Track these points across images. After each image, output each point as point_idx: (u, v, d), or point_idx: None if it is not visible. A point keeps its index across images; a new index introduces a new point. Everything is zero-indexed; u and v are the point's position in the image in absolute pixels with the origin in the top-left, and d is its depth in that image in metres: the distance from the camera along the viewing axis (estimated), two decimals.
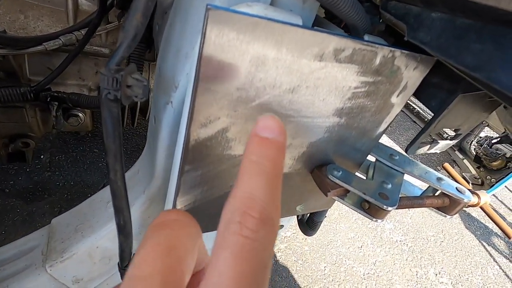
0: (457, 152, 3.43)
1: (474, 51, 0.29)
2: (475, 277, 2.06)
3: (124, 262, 0.52)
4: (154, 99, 0.52)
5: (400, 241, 2.12)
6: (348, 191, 0.50)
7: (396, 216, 2.34)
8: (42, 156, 1.69)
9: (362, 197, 0.48)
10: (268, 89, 0.35)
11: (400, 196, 0.51)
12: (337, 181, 0.49)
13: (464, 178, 3.05)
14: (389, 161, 0.57)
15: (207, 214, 0.48)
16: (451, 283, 1.94)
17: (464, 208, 0.61)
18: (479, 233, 2.48)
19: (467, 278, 2.02)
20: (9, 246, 0.61)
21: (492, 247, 2.37)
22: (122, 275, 0.55)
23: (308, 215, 0.79)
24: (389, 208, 0.47)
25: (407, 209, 2.50)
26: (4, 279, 0.55)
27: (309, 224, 0.78)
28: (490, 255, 2.29)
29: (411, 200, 0.52)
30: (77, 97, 0.93)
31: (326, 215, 0.79)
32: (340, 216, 2.12)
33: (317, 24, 0.42)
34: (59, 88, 0.99)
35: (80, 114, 1.05)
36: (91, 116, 1.14)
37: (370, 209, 0.49)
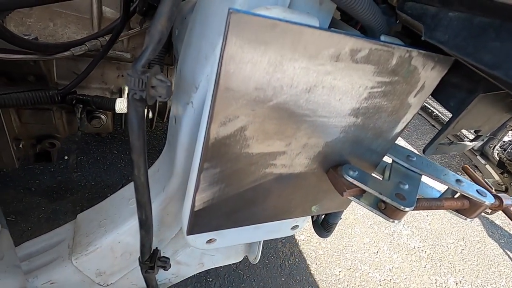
0: (479, 157, 3.30)
1: (493, 49, 0.29)
2: (499, 287, 1.97)
3: (145, 256, 0.54)
4: (175, 100, 0.54)
5: (418, 247, 2.06)
6: (364, 191, 0.50)
7: (413, 222, 2.28)
8: (66, 157, 1.77)
9: (379, 197, 0.48)
10: (285, 89, 0.36)
11: (417, 197, 0.51)
12: (353, 181, 0.49)
13: (486, 184, 2.93)
14: (406, 162, 0.57)
15: (223, 212, 0.49)
16: None
17: (486, 213, 0.60)
18: (503, 241, 2.37)
19: None
20: (37, 240, 0.65)
21: None
22: (142, 270, 0.57)
23: (323, 216, 0.79)
24: (406, 209, 0.47)
25: (426, 215, 2.42)
26: (33, 270, 0.59)
27: (324, 226, 0.78)
28: None
29: (429, 202, 0.52)
30: (100, 99, 0.97)
31: (341, 217, 0.79)
32: (355, 221, 2.09)
33: (333, 26, 0.43)
34: (83, 91, 1.04)
35: (103, 116, 1.10)
36: (112, 118, 1.18)
37: (387, 209, 0.49)
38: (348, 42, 0.34)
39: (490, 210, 0.58)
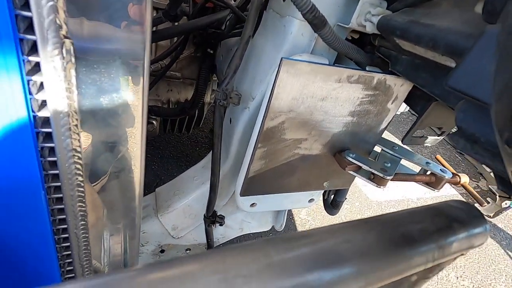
0: (484, 165, 3.45)
1: (423, 76, 0.54)
2: (499, 283, 2.11)
3: (209, 212, 0.79)
4: (231, 107, 0.80)
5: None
6: (360, 167, 0.74)
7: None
8: None
9: (369, 171, 0.72)
10: (309, 98, 0.61)
11: (397, 172, 0.75)
12: (352, 160, 0.73)
13: (491, 190, 3.07)
14: (391, 150, 0.81)
15: (266, 180, 0.74)
16: (473, 287, 2.02)
17: (488, 217, 0.81)
18: (504, 243, 2.51)
19: (490, 283, 2.08)
20: None
21: None
22: (205, 223, 0.82)
23: (332, 197, 1.02)
24: (387, 177, 0.71)
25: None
26: None
27: (332, 204, 1.02)
28: None
29: (404, 175, 0.75)
30: (156, 108, 1.25)
31: (346, 197, 1.02)
32: None
33: (339, 60, 0.69)
34: None
35: (154, 122, 1.38)
36: (160, 124, 1.46)
37: (375, 179, 0.73)
38: (345, 71, 0.60)
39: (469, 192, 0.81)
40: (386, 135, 0.85)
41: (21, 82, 0.33)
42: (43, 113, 0.36)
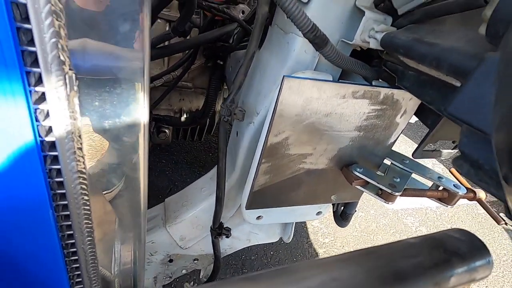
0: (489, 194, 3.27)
1: (429, 93, 0.52)
2: None
3: (215, 224, 0.80)
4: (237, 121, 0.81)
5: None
6: (367, 182, 0.73)
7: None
8: None
9: (377, 186, 0.70)
10: (312, 114, 0.61)
11: (407, 187, 0.72)
12: (359, 175, 0.72)
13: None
14: (401, 164, 0.78)
15: (271, 194, 0.74)
16: None
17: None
18: None
19: None
20: None
21: None
22: (212, 235, 0.83)
23: (342, 208, 1.00)
24: (396, 194, 0.69)
25: (449, 223, 2.49)
26: None
27: (342, 216, 1.00)
28: None
29: (414, 191, 0.73)
30: (169, 118, 1.28)
31: (356, 209, 1.00)
32: (377, 228, 2.23)
33: (344, 76, 0.68)
34: (154, 111, 1.36)
35: (167, 131, 1.41)
36: (172, 133, 1.49)
37: (383, 194, 0.71)
38: (350, 87, 0.59)
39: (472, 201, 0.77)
40: (403, 139, 0.83)
41: (28, 111, 0.35)
42: (49, 138, 0.38)
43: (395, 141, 0.75)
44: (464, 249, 0.32)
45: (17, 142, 0.37)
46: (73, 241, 0.50)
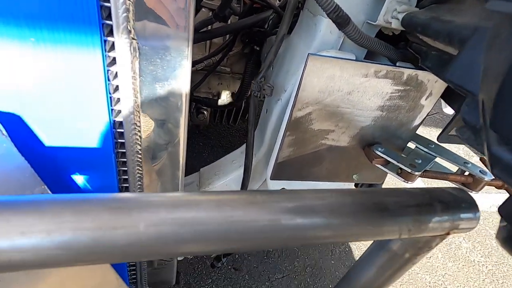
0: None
1: (451, 71, 0.54)
2: None
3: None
4: (268, 99, 0.88)
5: (479, 262, 2.02)
6: (388, 162, 0.76)
7: (477, 237, 2.22)
8: None
9: (397, 165, 0.73)
10: (335, 92, 0.66)
11: (428, 170, 0.74)
12: (380, 154, 0.75)
13: None
14: (426, 148, 0.80)
15: (294, 167, 0.81)
16: None
17: None
18: None
19: None
20: None
21: None
22: None
23: None
24: (415, 173, 0.71)
25: (492, 232, 2.31)
26: None
27: None
28: None
29: (436, 173, 0.74)
30: (207, 100, 1.39)
31: None
32: None
33: (370, 56, 0.71)
34: (194, 93, 1.49)
35: (205, 112, 1.53)
36: (210, 115, 1.61)
37: (402, 173, 0.73)
38: (372, 67, 0.63)
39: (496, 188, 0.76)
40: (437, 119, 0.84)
41: (103, 71, 0.46)
42: (116, 95, 0.49)
43: (420, 124, 0.77)
44: (451, 200, 0.36)
45: (94, 98, 0.48)
46: (127, 185, 0.62)
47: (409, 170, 0.71)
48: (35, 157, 0.49)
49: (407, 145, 0.83)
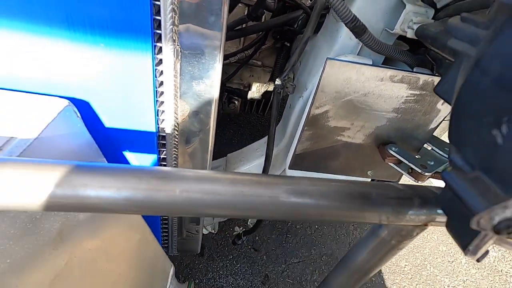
0: None
1: (440, 84, 0.57)
2: None
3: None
4: (291, 95, 0.95)
5: (507, 272, 1.95)
6: (401, 161, 0.80)
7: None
8: None
9: (408, 165, 0.77)
10: (351, 93, 0.72)
11: (439, 171, 0.77)
12: (393, 153, 0.80)
13: None
14: (441, 150, 0.82)
15: (311, 159, 0.88)
16: None
17: None
18: None
19: None
20: None
21: None
22: None
23: None
24: (425, 174, 0.75)
25: None
26: None
27: None
28: None
29: None
30: (238, 90, 1.49)
31: None
32: (435, 228, 2.12)
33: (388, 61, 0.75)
34: (227, 84, 1.59)
35: (236, 102, 1.64)
36: (240, 105, 1.72)
37: (412, 173, 0.78)
38: (388, 71, 0.67)
39: None
40: None
41: (152, 69, 0.57)
42: (160, 89, 0.60)
43: (436, 127, 0.79)
44: (431, 196, 0.42)
45: (144, 91, 0.60)
46: (165, 163, 0.74)
47: (419, 170, 0.75)
48: (98, 136, 0.62)
49: (425, 146, 0.86)
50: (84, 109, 0.60)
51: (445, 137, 0.94)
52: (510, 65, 0.21)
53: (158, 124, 0.65)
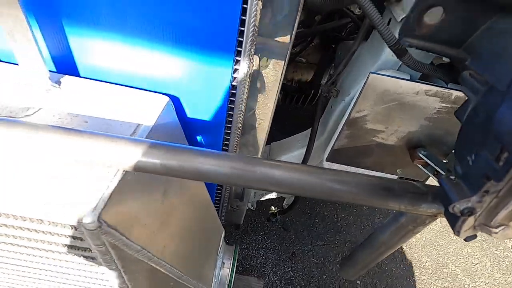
0: None
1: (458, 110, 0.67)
2: None
3: None
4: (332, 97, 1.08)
5: None
6: (428, 164, 0.91)
7: None
8: None
9: (434, 167, 0.88)
10: (388, 102, 0.83)
11: None
12: (422, 156, 0.91)
13: None
14: None
15: (347, 155, 1.02)
16: None
17: None
18: None
19: None
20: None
21: None
22: None
23: None
24: (451, 177, 0.86)
25: None
26: None
27: None
28: None
29: None
30: (283, 85, 1.63)
31: None
32: None
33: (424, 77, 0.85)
34: None
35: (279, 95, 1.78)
36: (283, 97, 1.86)
37: (438, 175, 0.88)
38: (423, 86, 0.78)
39: None
40: None
41: (230, 76, 0.74)
42: (233, 91, 0.77)
43: None
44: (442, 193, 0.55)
45: (221, 92, 0.77)
46: (227, 148, 0.93)
47: (443, 174, 0.86)
48: (183, 124, 0.81)
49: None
50: (175, 103, 0.79)
51: None
52: (490, 117, 0.34)
53: (227, 117, 0.83)
